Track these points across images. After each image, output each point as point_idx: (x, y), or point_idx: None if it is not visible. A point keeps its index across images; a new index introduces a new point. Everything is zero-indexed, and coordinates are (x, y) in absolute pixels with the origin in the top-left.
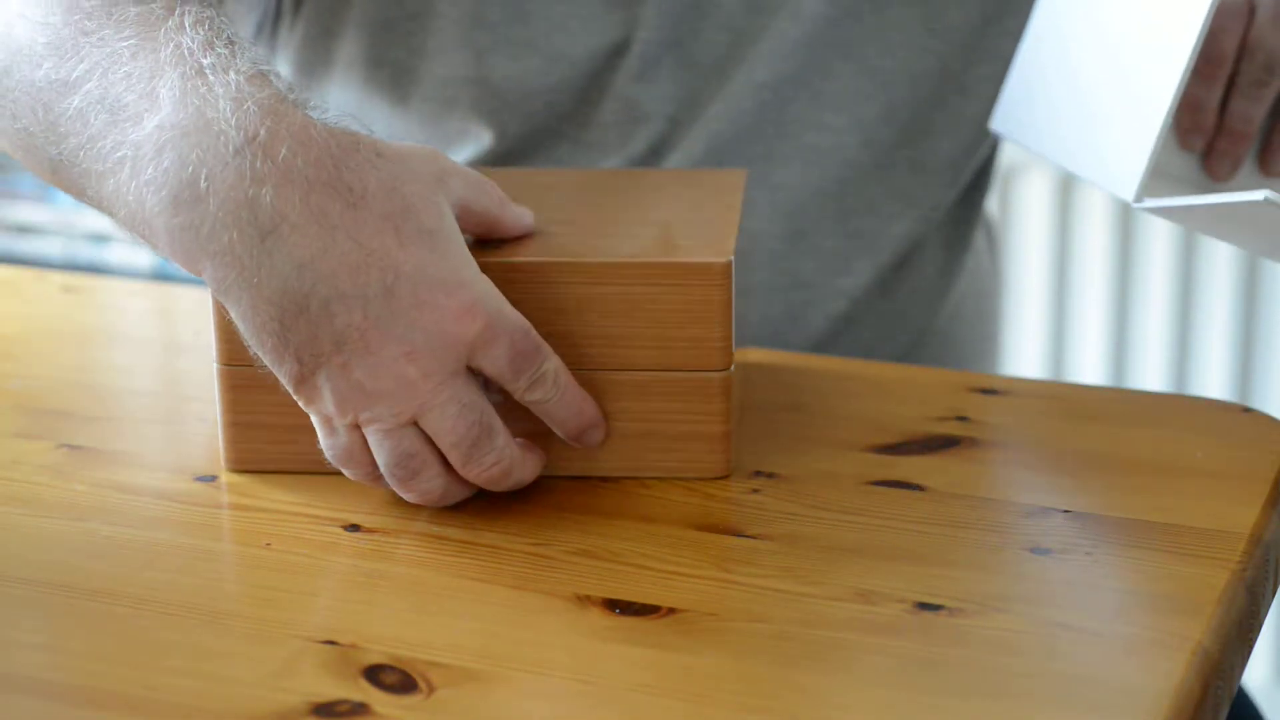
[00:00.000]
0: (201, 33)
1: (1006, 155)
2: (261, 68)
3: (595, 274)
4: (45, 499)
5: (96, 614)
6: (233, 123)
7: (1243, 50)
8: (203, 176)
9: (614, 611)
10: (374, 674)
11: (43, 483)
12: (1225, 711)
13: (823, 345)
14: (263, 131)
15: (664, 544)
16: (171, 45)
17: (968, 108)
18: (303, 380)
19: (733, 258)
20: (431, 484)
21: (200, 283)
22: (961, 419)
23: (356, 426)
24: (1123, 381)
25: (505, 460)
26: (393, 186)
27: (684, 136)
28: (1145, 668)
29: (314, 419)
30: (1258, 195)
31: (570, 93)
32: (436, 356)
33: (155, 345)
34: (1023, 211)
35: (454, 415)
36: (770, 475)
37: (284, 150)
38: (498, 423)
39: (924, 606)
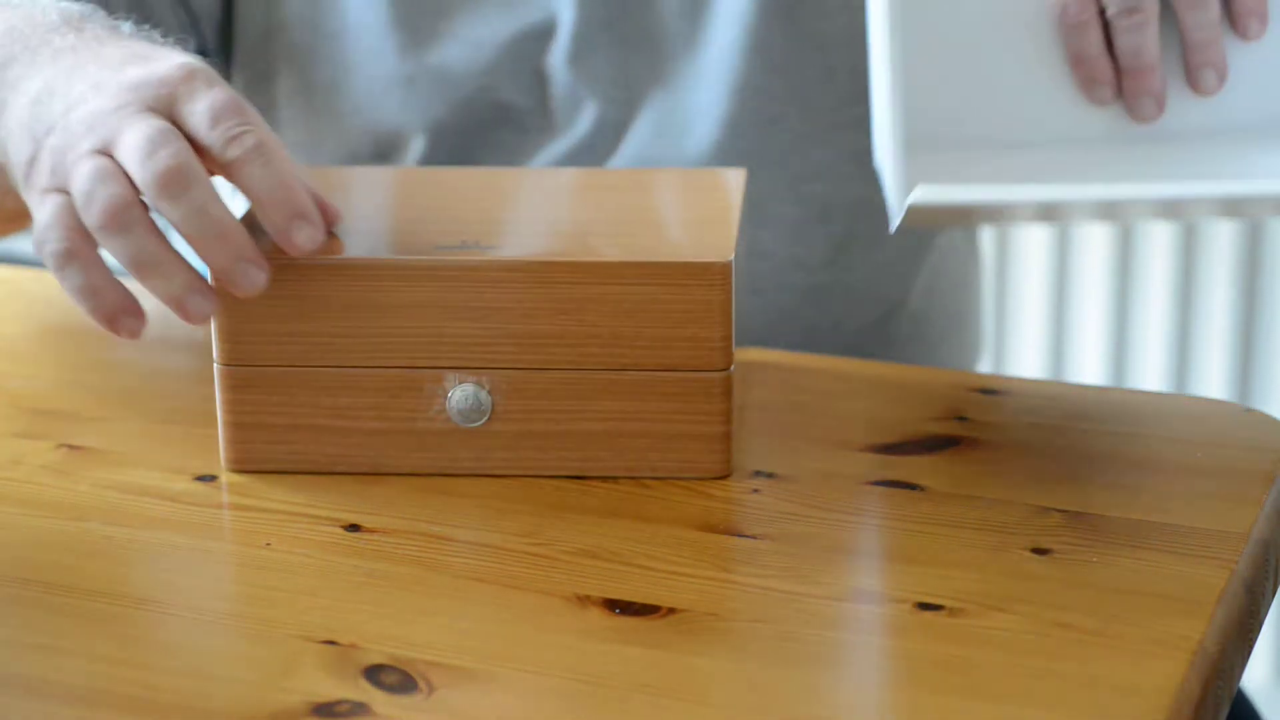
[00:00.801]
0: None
1: None
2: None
3: (595, 274)
4: (45, 499)
5: (96, 614)
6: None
7: None
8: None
9: (614, 611)
10: (374, 674)
11: (43, 483)
12: (1225, 711)
13: (785, 318)
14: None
15: (664, 544)
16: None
17: None
18: (31, 161)
19: (733, 258)
20: (143, 239)
21: None
22: (961, 419)
23: (60, 191)
24: (1123, 381)
25: (200, 202)
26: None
27: (632, 116)
28: (1145, 668)
29: (32, 205)
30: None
31: (499, 77)
32: (136, 91)
33: (155, 345)
34: None
35: (149, 135)
36: (770, 475)
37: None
38: (200, 172)
39: (924, 606)
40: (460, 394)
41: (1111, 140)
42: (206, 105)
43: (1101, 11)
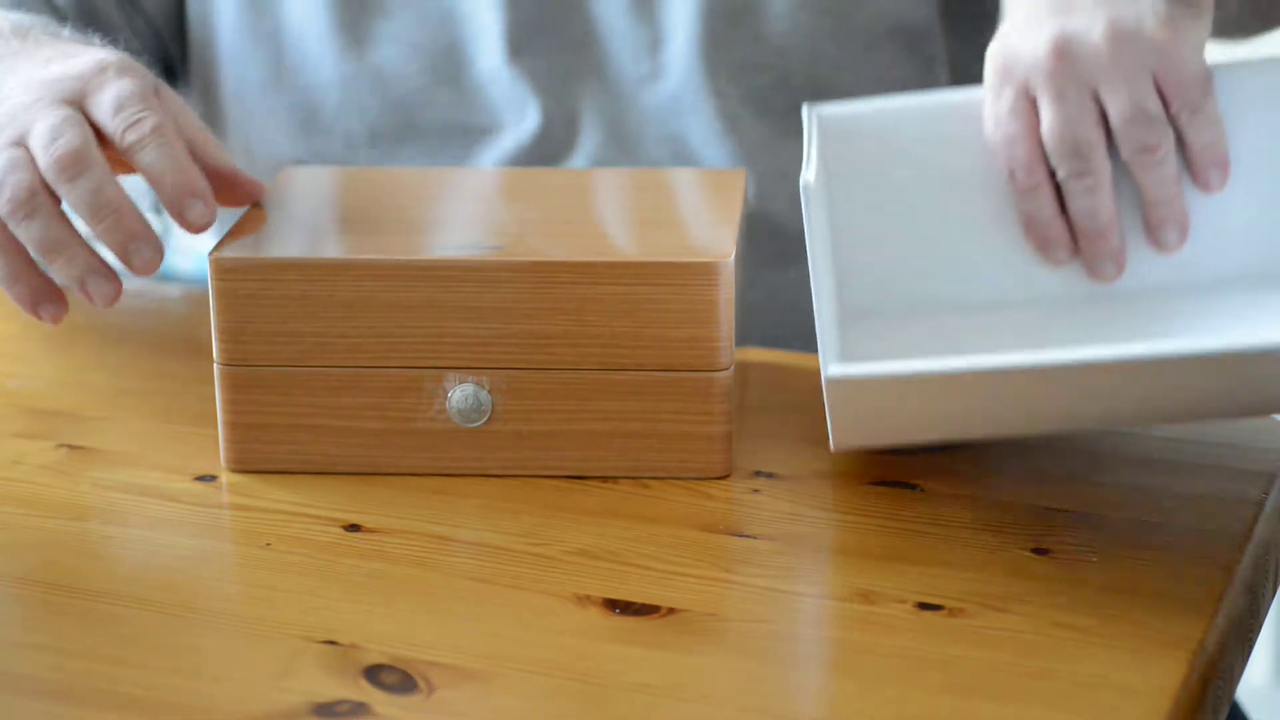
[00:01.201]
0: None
1: None
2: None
3: (595, 274)
4: (45, 499)
5: (96, 614)
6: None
7: (1043, 148)
8: None
9: (614, 611)
10: (374, 674)
11: (43, 483)
12: (1225, 711)
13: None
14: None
15: (664, 544)
16: None
17: (868, 67)
18: None
19: (733, 258)
20: (47, 224)
21: (201, 282)
22: None
23: None
24: None
25: (93, 184)
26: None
27: (576, 116)
28: (1145, 668)
29: None
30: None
31: (436, 76)
32: (52, 86)
33: (154, 345)
34: None
35: (53, 124)
36: (770, 475)
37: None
38: (96, 157)
39: (924, 606)
40: (460, 394)
41: (1069, 299)
42: (112, 95)
43: (1052, 174)
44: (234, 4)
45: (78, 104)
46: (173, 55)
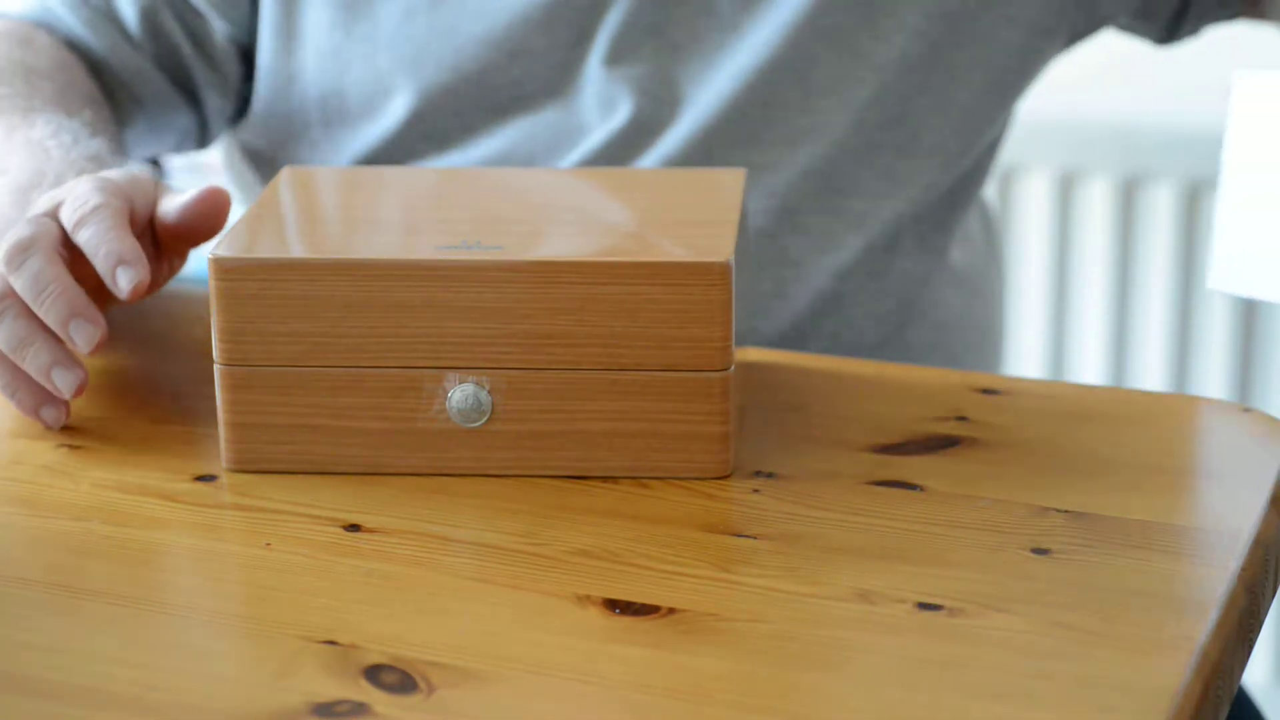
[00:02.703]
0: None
1: (1007, 153)
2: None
3: (595, 274)
4: (45, 499)
5: (96, 614)
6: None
7: None
8: None
9: (614, 611)
10: (374, 674)
11: (43, 483)
12: (1225, 711)
13: (806, 322)
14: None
15: (664, 544)
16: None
17: (957, 93)
18: None
19: (733, 258)
20: (12, 326)
21: (201, 282)
22: (961, 419)
23: None
24: (1123, 381)
25: (33, 270)
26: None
27: (668, 119)
28: (1145, 668)
29: None
30: None
31: (533, 68)
32: (39, 206)
33: (155, 345)
34: (1023, 211)
35: (15, 231)
36: (770, 475)
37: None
38: (39, 245)
39: (924, 606)
40: (460, 394)
41: None
42: (71, 196)
43: None
44: (326, 17)
45: (54, 216)
46: (232, 82)
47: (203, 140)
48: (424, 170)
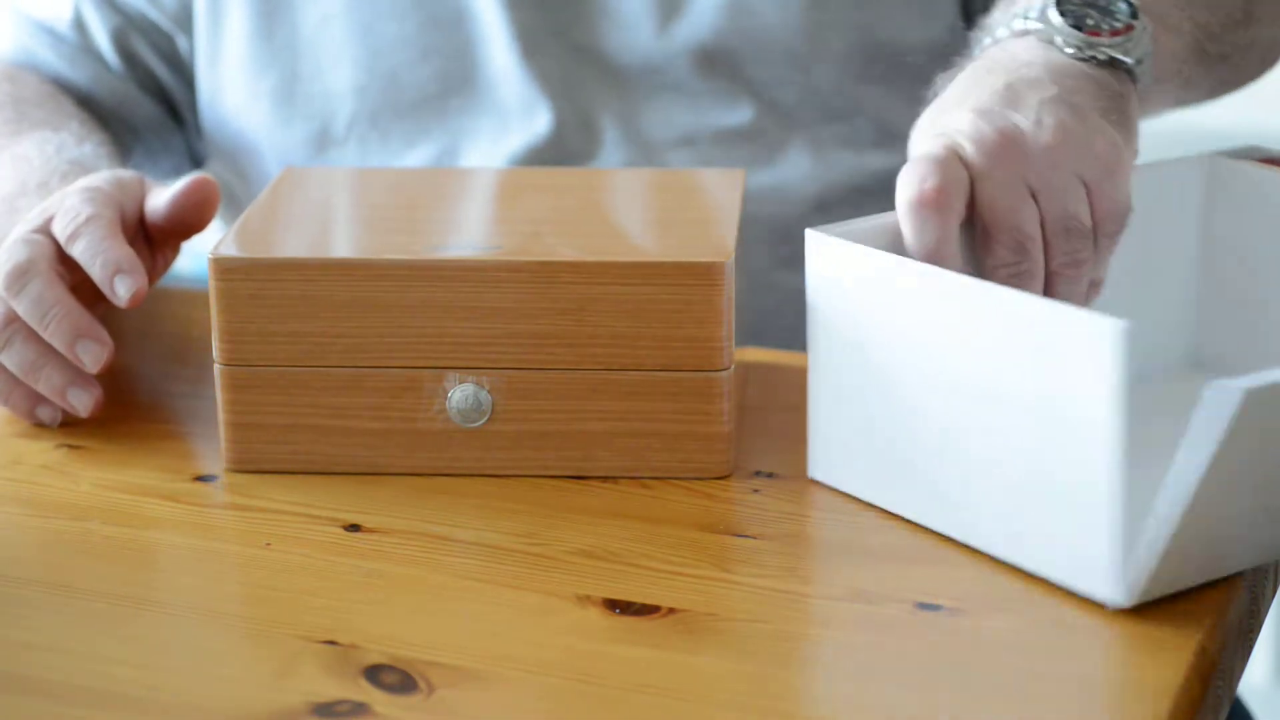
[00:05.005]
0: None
1: None
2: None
3: (595, 274)
4: (45, 499)
5: (96, 614)
6: None
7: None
8: None
9: (614, 611)
10: (374, 674)
11: (43, 483)
12: (1225, 711)
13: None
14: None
15: (664, 544)
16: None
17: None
18: None
19: (733, 258)
20: (21, 350)
21: (201, 282)
22: None
23: None
24: None
25: (34, 293)
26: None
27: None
28: (1145, 668)
29: None
30: None
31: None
32: (31, 221)
33: (155, 345)
34: None
35: (10, 251)
36: (770, 475)
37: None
38: (38, 268)
39: (924, 606)
40: (460, 394)
41: None
42: (61, 210)
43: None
44: (247, 18)
45: (46, 231)
46: (170, 90)
47: (197, 161)
48: (424, 170)
